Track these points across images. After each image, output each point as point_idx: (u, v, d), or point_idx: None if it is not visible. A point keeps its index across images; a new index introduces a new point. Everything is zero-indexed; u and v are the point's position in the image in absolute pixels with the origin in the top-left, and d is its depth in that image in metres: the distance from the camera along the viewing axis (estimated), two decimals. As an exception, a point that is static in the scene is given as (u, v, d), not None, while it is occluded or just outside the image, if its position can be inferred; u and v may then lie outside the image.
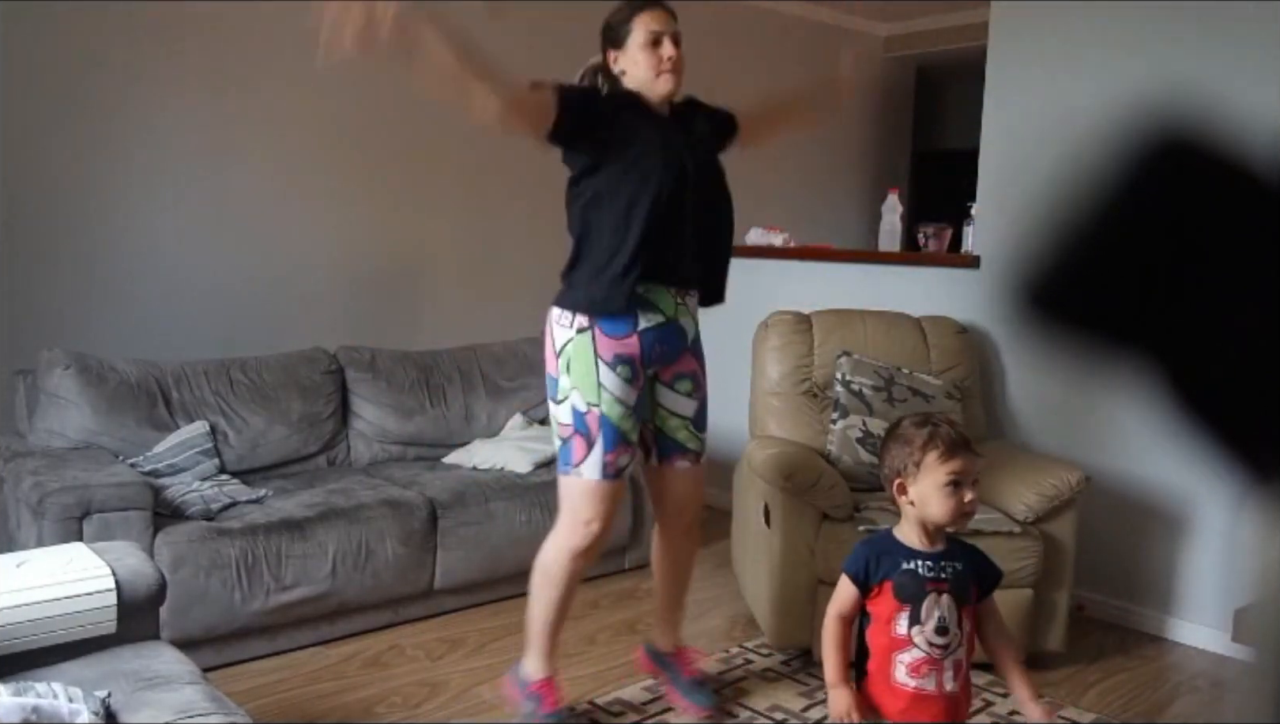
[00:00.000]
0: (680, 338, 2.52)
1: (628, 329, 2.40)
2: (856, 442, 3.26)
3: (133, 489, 2.80)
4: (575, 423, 2.42)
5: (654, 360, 2.48)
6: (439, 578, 3.34)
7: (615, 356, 2.39)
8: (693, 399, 2.61)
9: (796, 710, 2.81)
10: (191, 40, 3.78)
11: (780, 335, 3.52)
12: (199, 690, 1.86)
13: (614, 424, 2.40)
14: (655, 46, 2.39)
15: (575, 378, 2.41)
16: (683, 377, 2.59)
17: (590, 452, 2.41)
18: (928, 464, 1.89)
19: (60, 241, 3.56)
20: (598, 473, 2.42)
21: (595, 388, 2.39)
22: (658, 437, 2.63)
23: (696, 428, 2.63)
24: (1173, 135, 0.51)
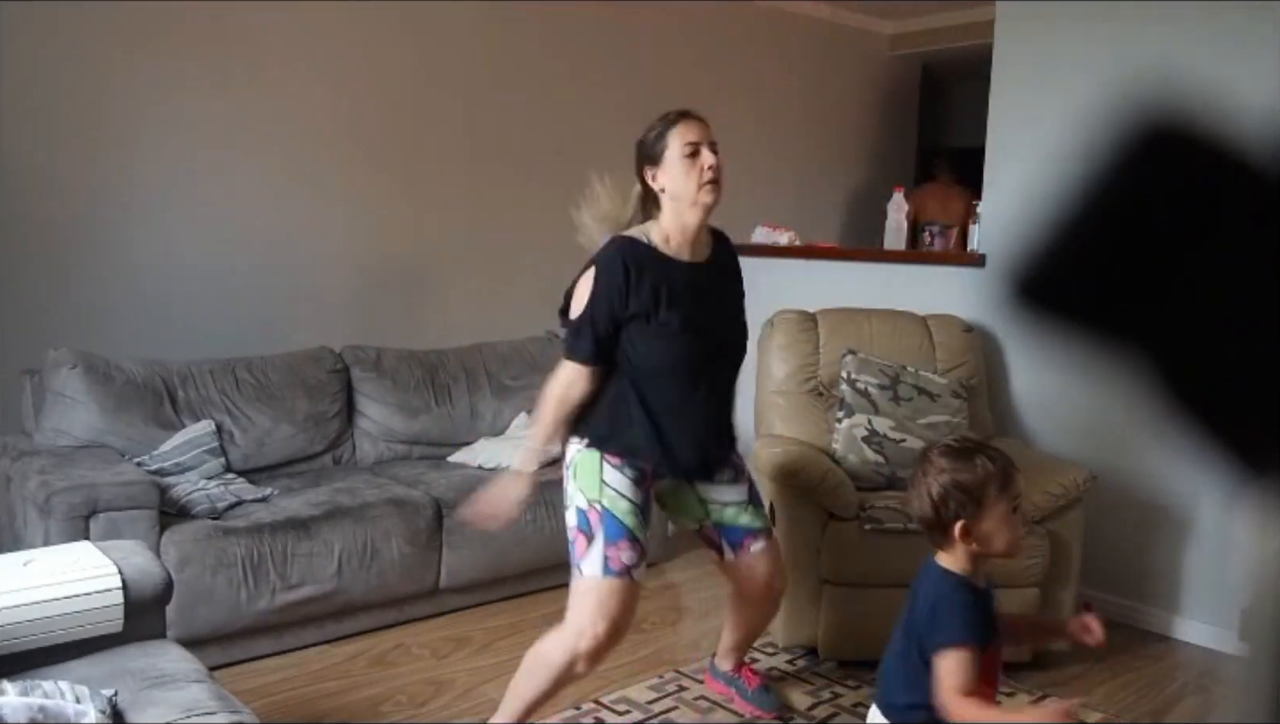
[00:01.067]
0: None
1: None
2: (862, 440, 3.25)
3: (139, 488, 2.81)
4: (578, 522, 2.35)
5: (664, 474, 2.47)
6: (444, 577, 3.34)
7: (623, 461, 2.36)
8: (740, 484, 2.56)
9: (802, 709, 2.81)
10: (198, 39, 3.79)
11: (785, 334, 3.51)
12: (205, 689, 1.86)
13: (617, 517, 2.31)
14: (694, 157, 2.31)
15: (580, 481, 2.36)
16: (720, 472, 2.55)
17: (590, 547, 2.31)
18: (989, 498, 1.77)
19: (66, 241, 3.57)
20: (599, 569, 2.29)
21: (598, 485, 2.33)
22: (722, 529, 2.57)
23: (755, 506, 2.58)
24: (1164, 124, 0.51)
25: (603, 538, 2.30)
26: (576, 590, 2.34)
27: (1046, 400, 3.67)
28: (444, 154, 4.50)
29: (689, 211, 2.33)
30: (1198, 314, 0.50)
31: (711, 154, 2.32)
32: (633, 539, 2.32)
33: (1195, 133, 0.51)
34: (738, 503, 2.55)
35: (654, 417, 2.33)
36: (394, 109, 4.31)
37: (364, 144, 4.24)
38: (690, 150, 2.30)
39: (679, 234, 2.36)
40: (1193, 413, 0.50)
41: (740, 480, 2.56)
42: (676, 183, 2.32)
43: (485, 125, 4.60)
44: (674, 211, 2.35)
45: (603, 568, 2.29)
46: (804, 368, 3.47)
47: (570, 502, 2.38)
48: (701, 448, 2.43)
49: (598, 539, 2.30)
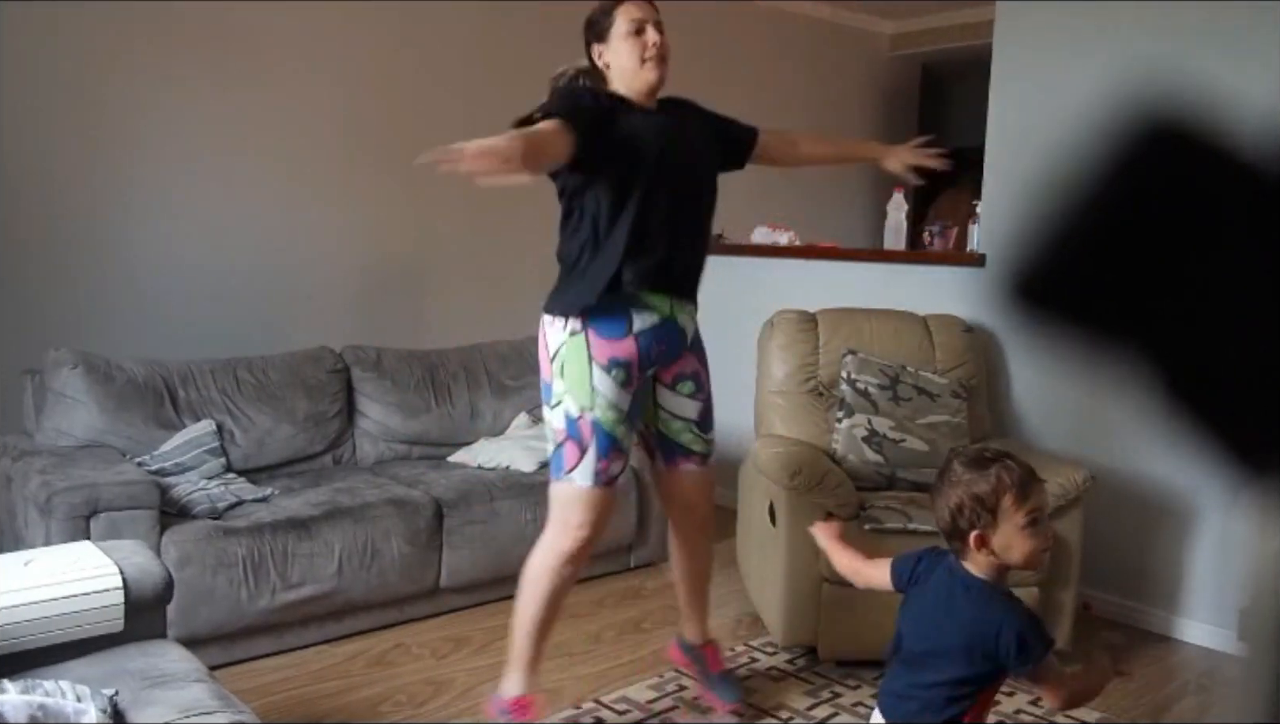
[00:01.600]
0: (679, 337, 2.47)
1: (623, 331, 2.36)
2: (862, 440, 3.25)
3: (140, 488, 2.81)
4: (568, 428, 2.37)
5: (653, 361, 2.44)
6: (444, 577, 3.34)
7: (610, 360, 2.34)
8: (695, 400, 2.57)
9: (802, 709, 2.81)
10: (199, 39, 3.79)
11: (785, 334, 3.51)
12: (206, 688, 1.86)
13: (607, 430, 2.35)
14: (639, 34, 2.37)
15: (569, 382, 2.35)
16: (684, 378, 2.55)
17: (583, 458, 2.36)
18: (1004, 509, 1.75)
19: (67, 241, 3.57)
20: (590, 480, 2.37)
21: (589, 393, 2.34)
22: (661, 440, 2.60)
23: (701, 430, 2.60)
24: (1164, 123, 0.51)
25: (594, 451, 2.36)
26: (563, 494, 2.42)
27: (1046, 400, 3.68)
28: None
29: (635, 85, 2.39)
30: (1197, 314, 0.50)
31: (656, 32, 2.38)
32: (620, 449, 2.41)
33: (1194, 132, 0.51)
34: (686, 420, 2.57)
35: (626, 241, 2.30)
36: (394, 109, 4.31)
37: (364, 144, 4.24)
38: (636, 27, 2.37)
39: None
40: (1192, 413, 0.50)
41: (698, 396, 2.58)
42: (620, 59, 2.39)
43: (486, 124, 4.56)
44: (621, 86, 2.41)
45: (594, 479, 2.38)
46: (804, 368, 3.47)
47: (557, 400, 2.38)
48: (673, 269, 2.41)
49: (590, 452, 2.36)
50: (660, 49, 2.38)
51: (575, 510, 2.40)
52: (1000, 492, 1.75)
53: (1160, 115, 0.52)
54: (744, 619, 3.41)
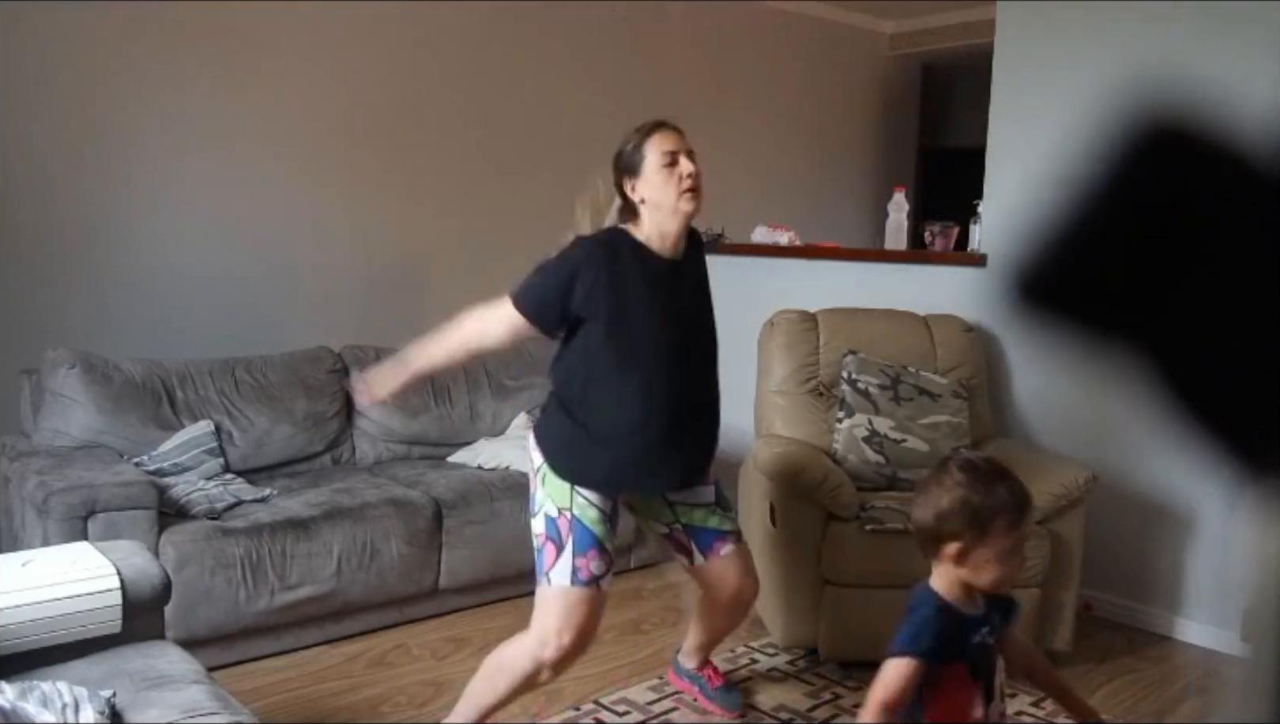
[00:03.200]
0: None
1: None
2: (862, 440, 3.25)
3: (138, 488, 2.81)
4: (547, 529, 2.32)
5: None
6: (444, 577, 3.34)
7: None
8: (708, 485, 2.54)
9: (802, 710, 2.81)
10: (198, 38, 3.79)
11: (786, 334, 3.51)
12: (204, 690, 1.86)
13: (586, 527, 2.30)
14: (673, 166, 2.30)
15: (550, 488, 2.33)
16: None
17: (560, 556, 2.29)
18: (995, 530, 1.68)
19: (64, 241, 3.57)
20: (567, 578, 2.28)
21: (569, 493, 2.31)
22: (691, 533, 2.54)
23: (724, 508, 2.56)
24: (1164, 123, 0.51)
25: (572, 547, 2.28)
26: (543, 598, 2.32)
27: (1047, 400, 3.67)
28: (445, 154, 4.49)
29: (669, 220, 2.32)
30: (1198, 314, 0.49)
31: (690, 162, 2.31)
32: (601, 549, 2.31)
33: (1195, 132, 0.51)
34: (706, 505, 2.52)
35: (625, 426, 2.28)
36: (395, 108, 4.31)
37: (364, 144, 4.24)
38: (668, 160, 2.29)
39: (659, 240, 2.34)
40: (1194, 413, 0.49)
41: (708, 481, 2.54)
42: (655, 192, 2.30)
43: (486, 125, 4.59)
44: (654, 221, 2.33)
45: (571, 578, 2.28)
46: (804, 368, 3.47)
47: (539, 508, 2.35)
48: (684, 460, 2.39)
49: (567, 548, 2.28)
50: (695, 180, 2.31)
51: (553, 615, 2.28)
52: (999, 511, 1.68)
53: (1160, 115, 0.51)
54: (744, 620, 3.40)
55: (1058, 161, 0.47)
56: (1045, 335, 0.53)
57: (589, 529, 2.29)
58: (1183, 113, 0.51)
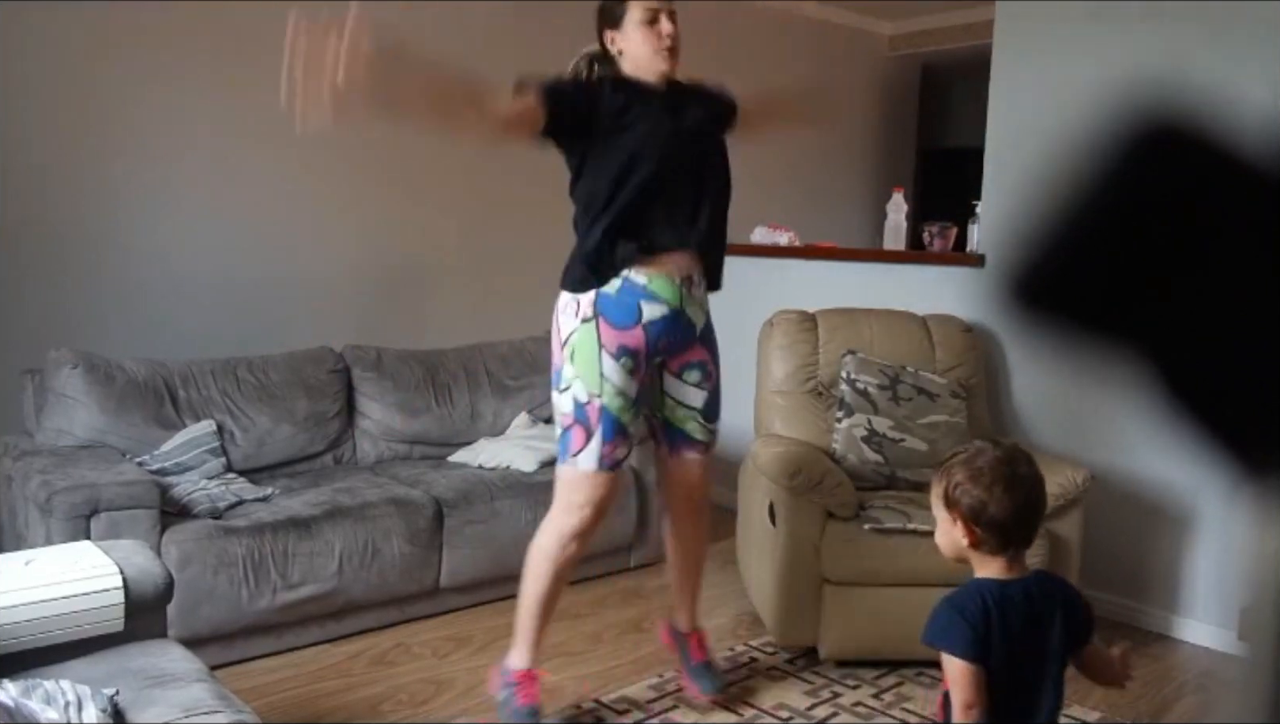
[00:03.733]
0: (688, 328, 2.51)
1: (632, 320, 2.41)
2: (861, 440, 3.25)
3: (140, 488, 2.81)
4: (576, 413, 2.42)
5: (660, 351, 2.49)
6: (445, 576, 3.35)
7: (620, 347, 2.40)
8: (702, 389, 2.61)
9: (802, 709, 2.81)
10: (200, 38, 3.79)
11: (785, 334, 3.52)
12: (206, 688, 1.86)
13: (614, 416, 2.40)
14: (653, 24, 2.38)
15: (578, 367, 2.41)
16: (691, 366, 2.58)
17: (589, 442, 2.41)
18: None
19: (67, 241, 3.57)
20: (594, 463, 2.42)
21: (598, 379, 2.39)
22: (666, 427, 2.64)
23: (706, 419, 2.63)
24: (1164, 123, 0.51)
25: (600, 435, 2.40)
26: (567, 477, 2.47)
27: (1046, 400, 3.68)
28: (445, 153, 4.49)
29: (646, 75, 2.42)
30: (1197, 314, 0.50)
31: (669, 23, 2.40)
32: (625, 435, 2.45)
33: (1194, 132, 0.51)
34: (691, 408, 2.61)
35: (626, 213, 2.35)
36: (394, 109, 4.31)
37: (365, 143, 4.24)
38: (650, 16, 2.38)
39: None
40: (1192, 412, 0.50)
41: (704, 385, 2.61)
42: (634, 47, 2.41)
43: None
44: (632, 72, 2.43)
45: (598, 463, 2.42)
46: (804, 368, 3.48)
47: (566, 385, 2.43)
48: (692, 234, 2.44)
49: (596, 436, 2.41)
50: (673, 40, 2.40)
51: (579, 492, 2.45)
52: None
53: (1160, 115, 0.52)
54: (744, 619, 3.41)
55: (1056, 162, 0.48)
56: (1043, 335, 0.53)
57: (616, 417, 2.41)
58: (1181, 113, 0.51)
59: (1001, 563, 1.78)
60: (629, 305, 2.40)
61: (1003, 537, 1.76)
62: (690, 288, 2.49)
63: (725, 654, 3.13)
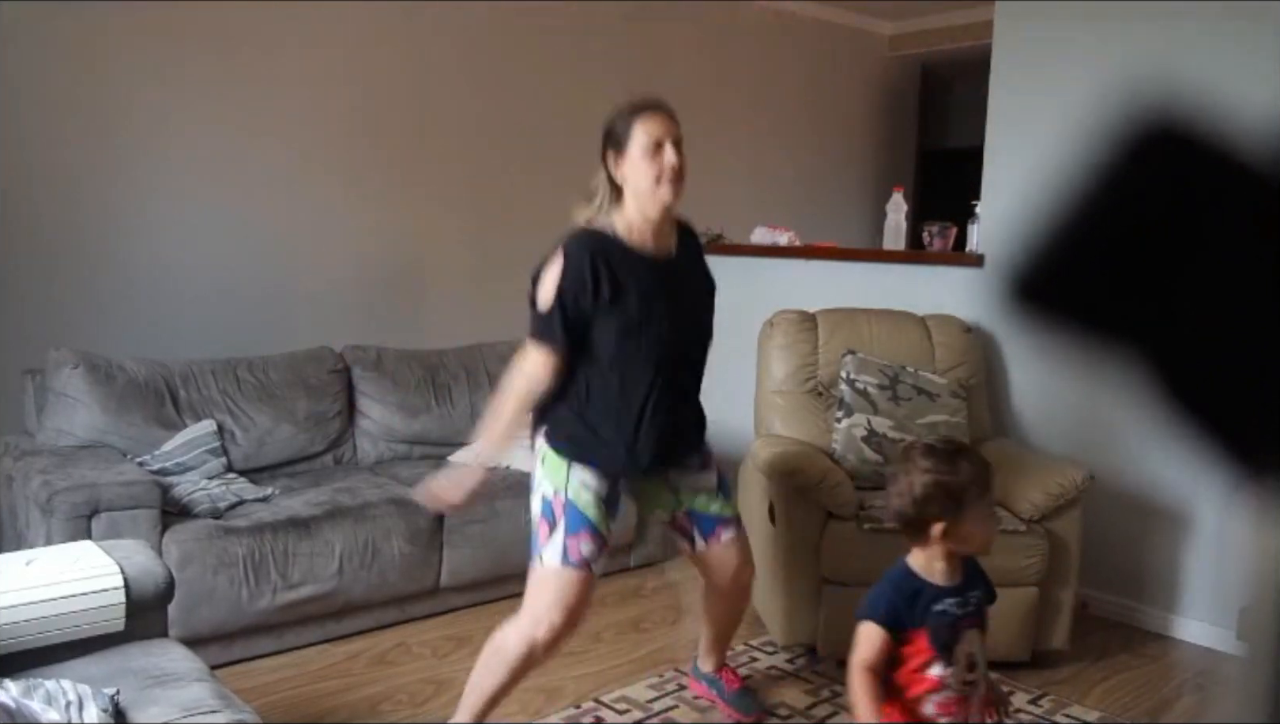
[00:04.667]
0: None
1: None
2: (861, 440, 3.26)
3: (141, 488, 2.81)
4: (542, 509, 2.36)
5: None
6: (445, 576, 3.35)
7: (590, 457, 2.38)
8: (708, 471, 2.56)
9: (801, 708, 2.82)
10: (200, 37, 3.79)
11: (785, 334, 3.52)
12: (206, 688, 1.87)
13: (579, 509, 2.32)
14: (656, 153, 2.29)
15: (548, 468, 2.36)
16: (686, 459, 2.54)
17: (552, 535, 2.32)
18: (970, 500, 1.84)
19: (68, 241, 3.58)
20: (558, 558, 2.31)
21: (565, 476, 2.34)
22: (694, 518, 2.57)
23: (725, 495, 2.59)
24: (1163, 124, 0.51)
25: (564, 528, 2.31)
26: (535, 578, 2.36)
27: (1046, 400, 3.68)
28: (445, 153, 4.50)
29: (649, 205, 2.33)
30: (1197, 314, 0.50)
31: (674, 153, 2.30)
32: (594, 532, 2.34)
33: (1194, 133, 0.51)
34: (708, 491, 2.56)
35: (617, 413, 2.32)
36: (396, 108, 4.32)
37: (367, 143, 4.25)
38: (653, 145, 2.29)
39: (641, 225, 2.35)
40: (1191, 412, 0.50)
41: (708, 468, 2.56)
42: (637, 176, 2.30)
43: (487, 125, 4.60)
44: (636, 205, 2.34)
45: (562, 558, 2.31)
46: (804, 368, 3.48)
47: (536, 488, 2.39)
48: (666, 442, 2.41)
49: (559, 528, 2.32)
50: (676, 172, 2.31)
51: (546, 593, 2.32)
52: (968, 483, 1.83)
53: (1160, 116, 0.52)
54: (744, 619, 3.40)
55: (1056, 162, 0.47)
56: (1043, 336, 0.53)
57: (582, 512, 2.32)
58: (1181, 113, 0.51)
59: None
60: None
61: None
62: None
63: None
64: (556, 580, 2.31)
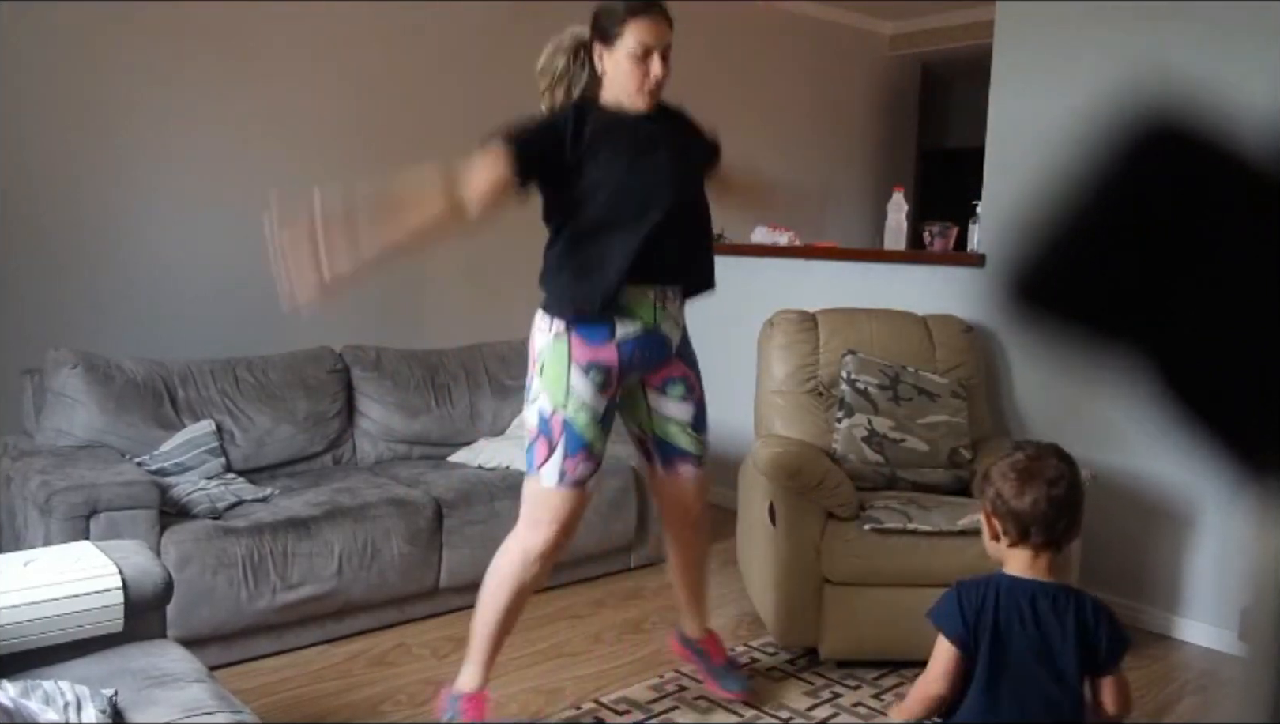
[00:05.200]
0: (662, 346, 2.45)
1: (605, 337, 2.35)
2: (862, 440, 3.25)
3: (139, 488, 2.81)
4: (540, 426, 2.36)
5: (634, 368, 2.43)
6: (444, 576, 3.35)
7: (590, 362, 2.34)
8: (687, 402, 2.56)
9: (802, 709, 2.81)
10: (198, 37, 3.79)
11: (785, 334, 3.52)
12: (205, 688, 1.86)
13: (578, 431, 2.34)
14: (643, 60, 2.28)
15: (546, 380, 2.35)
16: (674, 381, 2.53)
17: (550, 456, 2.35)
18: None
19: (67, 240, 3.57)
20: (555, 479, 2.35)
21: (564, 391, 2.33)
22: (659, 444, 2.59)
23: (696, 430, 2.59)
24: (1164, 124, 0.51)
25: (563, 449, 2.34)
26: (530, 492, 2.41)
27: (1046, 400, 3.68)
28: (445, 153, 4.48)
29: (626, 103, 2.33)
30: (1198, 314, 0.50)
31: (661, 64, 2.30)
32: (590, 451, 2.37)
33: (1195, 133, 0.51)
34: (681, 422, 2.56)
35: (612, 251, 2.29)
36: (395, 106, 4.31)
37: (365, 143, 4.24)
38: (642, 52, 2.27)
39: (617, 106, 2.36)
40: (1193, 412, 0.50)
41: (690, 398, 2.56)
42: (618, 74, 2.30)
43: (486, 124, 4.58)
44: (613, 97, 2.35)
45: (558, 478, 2.36)
46: (804, 368, 3.47)
47: (533, 397, 2.38)
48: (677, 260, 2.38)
49: (558, 450, 2.34)
50: (658, 84, 2.30)
51: (543, 508, 2.39)
52: None
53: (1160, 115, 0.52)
54: (744, 619, 3.41)
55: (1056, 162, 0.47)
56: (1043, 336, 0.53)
57: (579, 433, 2.34)
58: (1182, 113, 0.51)
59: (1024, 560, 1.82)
60: (602, 321, 2.34)
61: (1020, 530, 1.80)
62: (665, 303, 2.42)
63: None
64: (553, 498, 2.37)
